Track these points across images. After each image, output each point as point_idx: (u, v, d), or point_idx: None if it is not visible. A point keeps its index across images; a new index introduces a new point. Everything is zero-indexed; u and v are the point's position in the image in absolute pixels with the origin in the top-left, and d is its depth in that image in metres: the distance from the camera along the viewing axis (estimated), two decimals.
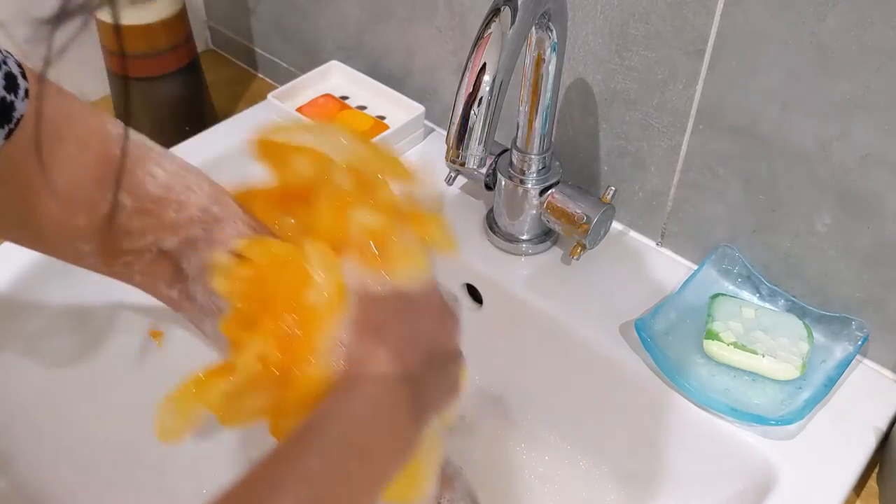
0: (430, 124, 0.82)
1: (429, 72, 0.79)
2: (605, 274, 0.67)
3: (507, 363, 0.71)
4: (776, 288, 0.63)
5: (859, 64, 0.51)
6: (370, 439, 0.39)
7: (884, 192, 0.55)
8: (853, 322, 0.60)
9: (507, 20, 0.50)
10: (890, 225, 0.55)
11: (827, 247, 0.59)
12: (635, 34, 0.60)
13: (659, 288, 0.66)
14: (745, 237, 0.64)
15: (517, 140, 0.65)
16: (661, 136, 0.64)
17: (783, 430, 0.56)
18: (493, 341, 0.71)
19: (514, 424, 0.71)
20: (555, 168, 0.66)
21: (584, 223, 0.64)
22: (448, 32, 0.74)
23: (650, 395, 0.60)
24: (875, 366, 0.61)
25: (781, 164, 0.58)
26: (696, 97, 0.60)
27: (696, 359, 0.61)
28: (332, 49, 0.87)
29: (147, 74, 0.82)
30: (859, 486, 0.57)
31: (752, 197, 0.61)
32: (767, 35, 0.54)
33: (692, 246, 0.68)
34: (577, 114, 0.68)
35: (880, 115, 0.52)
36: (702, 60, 0.58)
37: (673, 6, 0.57)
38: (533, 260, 0.69)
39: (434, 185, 0.46)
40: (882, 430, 0.57)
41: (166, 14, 0.79)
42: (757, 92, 0.57)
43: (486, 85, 0.50)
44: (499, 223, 0.70)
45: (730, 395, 0.58)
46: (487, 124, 0.52)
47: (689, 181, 0.64)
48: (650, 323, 0.61)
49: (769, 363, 0.58)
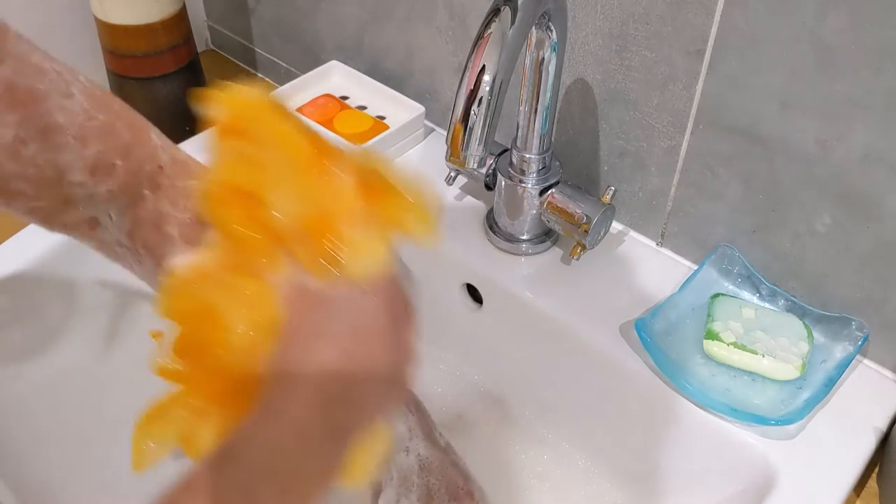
0: (430, 124, 0.82)
1: (429, 72, 0.79)
2: (605, 274, 0.67)
3: (507, 363, 0.71)
4: (776, 288, 0.63)
5: (859, 64, 0.51)
6: (292, 470, 0.35)
7: (884, 192, 0.55)
8: (853, 322, 0.60)
9: (507, 20, 0.50)
10: (890, 225, 0.55)
11: (827, 247, 0.59)
12: (635, 34, 0.60)
13: (659, 288, 0.66)
14: (745, 237, 0.64)
15: (517, 140, 0.65)
16: (661, 136, 0.64)
17: (783, 430, 0.56)
18: (492, 341, 0.71)
19: (514, 424, 0.71)
20: (555, 168, 0.66)
21: (584, 223, 0.64)
22: (448, 32, 0.74)
23: (650, 395, 0.60)
24: (875, 366, 0.61)
25: (781, 164, 0.58)
26: (696, 97, 0.60)
27: (696, 359, 0.61)
28: (332, 49, 0.87)
29: (147, 74, 0.82)
30: (859, 486, 0.57)
31: (752, 197, 0.61)
32: (767, 35, 0.54)
33: (692, 246, 0.68)
34: (577, 114, 0.68)
35: (880, 115, 0.52)
36: (702, 60, 0.58)
37: (673, 6, 0.57)
38: (533, 260, 0.69)
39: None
40: (882, 430, 0.57)
41: (166, 14, 0.79)
42: (757, 92, 0.57)
43: (486, 85, 0.50)
44: (499, 223, 0.70)
45: (730, 395, 0.58)
46: (487, 124, 0.51)
47: (689, 181, 0.64)
48: (650, 323, 0.61)
49: (769, 363, 0.58)
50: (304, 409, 0.36)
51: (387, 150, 0.77)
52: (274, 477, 0.34)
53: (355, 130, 0.77)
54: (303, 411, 0.36)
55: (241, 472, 0.34)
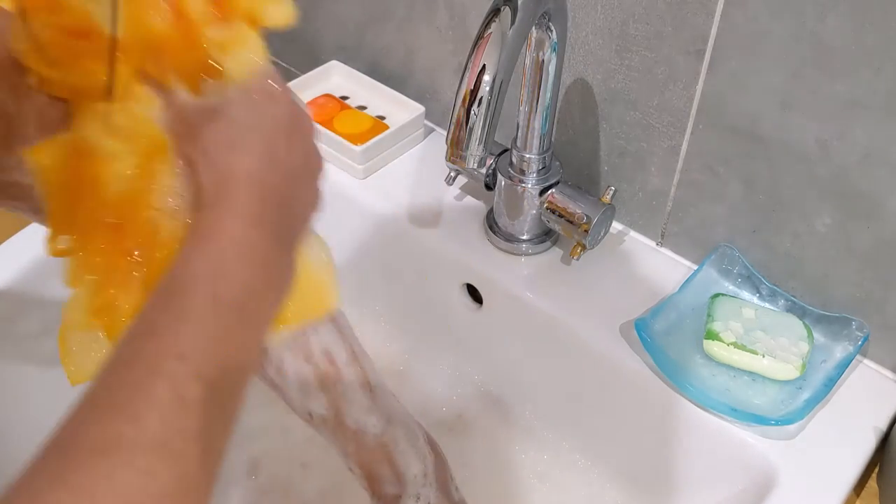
0: (430, 124, 0.82)
1: (429, 72, 0.79)
2: (605, 274, 0.67)
3: (507, 363, 0.71)
4: (776, 288, 0.63)
5: (859, 64, 0.51)
6: (244, 290, 0.34)
7: (884, 192, 0.55)
8: (853, 322, 0.60)
9: (507, 20, 0.50)
10: (890, 225, 0.55)
11: (827, 247, 0.59)
12: (635, 34, 0.60)
13: (659, 288, 0.66)
14: (745, 237, 0.64)
15: (517, 140, 0.65)
16: (661, 136, 0.64)
17: (783, 430, 0.56)
18: (492, 341, 0.71)
19: (513, 424, 0.71)
20: (555, 168, 0.66)
21: (584, 223, 0.64)
22: (448, 32, 0.74)
23: (650, 395, 0.60)
24: (875, 366, 0.61)
25: (781, 164, 0.58)
26: (696, 97, 0.60)
27: (697, 359, 0.61)
28: (332, 49, 0.87)
29: None
30: (859, 486, 0.57)
31: (752, 197, 0.61)
32: (767, 35, 0.54)
33: (692, 246, 0.68)
34: (577, 114, 0.68)
35: (880, 115, 0.52)
36: (702, 60, 0.58)
37: (673, 6, 0.57)
38: (533, 260, 0.69)
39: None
40: (882, 430, 0.57)
41: None
42: (757, 92, 0.57)
43: (486, 85, 0.50)
44: (499, 223, 0.70)
45: (730, 395, 0.58)
46: (487, 124, 0.51)
47: (689, 181, 0.64)
48: (650, 323, 0.61)
49: (769, 363, 0.58)
50: (239, 223, 0.34)
51: (387, 150, 0.77)
52: (231, 305, 0.33)
53: (355, 130, 0.77)
54: (239, 225, 0.34)
55: (197, 310, 0.32)
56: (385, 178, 0.76)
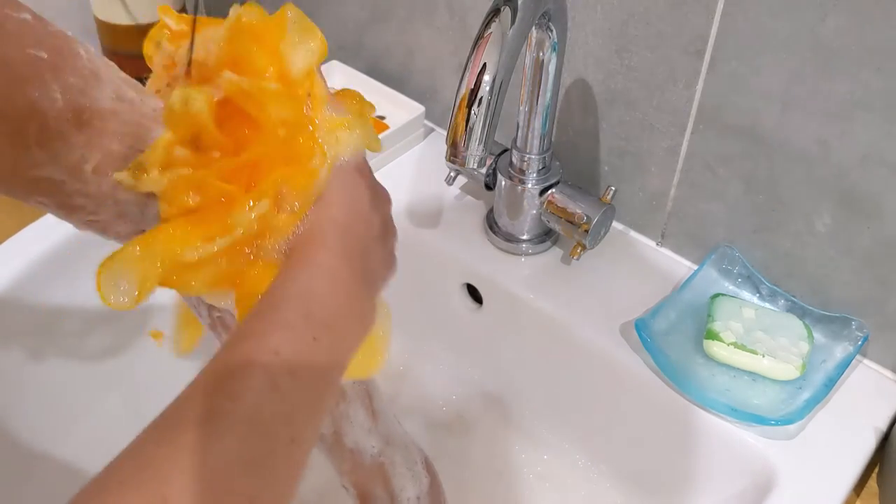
0: (430, 124, 0.82)
1: (429, 72, 0.79)
2: (605, 274, 0.67)
3: (507, 363, 0.71)
4: (776, 288, 0.63)
5: (859, 64, 0.51)
6: (332, 313, 0.38)
7: (884, 192, 0.55)
8: (853, 322, 0.60)
9: (507, 20, 0.50)
10: (890, 225, 0.55)
11: (827, 247, 0.59)
12: (635, 34, 0.60)
13: (659, 288, 0.66)
14: (745, 237, 0.64)
15: (517, 140, 0.65)
16: (661, 136, 0.64)
17: (783, 430, 0.56)
18: (493, 341, 0.71)
19: (514, 424, 0.71)
20: (555, 168, 0.66)
21: (584, 223, 0.64)
22: (448, 32, 0.74)
23: (650, 394, 0.60)
24: (875, 366, 0.61)
25: (781, 164, 0.58)
26: (696, 97, 0.60)
27: (697, 359, 0.61)
28: (332, 49, 0.87)
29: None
30: (859, 486, 0.57)
31: (752, 197, 0.61)
32: (767, 35, 0.54)
33: (692, 246, 0.68)
34: (577, 114, 0.68)
35: (880, 115, 0.52)
36: (702, 60, 0.58)
37: (673, 6, 0.57)
38: (533, 260, 0.69)
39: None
40: (882, 430, 0.57)
41: None
42: (757, 92, 0.57)
43: (486, 85, 0.50)
44: (499, 223, 0.70)
45: (730, 395, 0.58)
46: (487, 124, 0.52)
47: (689, 181, 0.64)
48: (650, 323, 0.61)
49: (769, 363, 0.58)
50: (331, 255, 0.39)
51: (387, 150, 0.77)
52: (320, 322, 0.37)
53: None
54: (330, 257, 0.39)
55: (290, 320, 0.36)
56: (385, 178, 0.75)
